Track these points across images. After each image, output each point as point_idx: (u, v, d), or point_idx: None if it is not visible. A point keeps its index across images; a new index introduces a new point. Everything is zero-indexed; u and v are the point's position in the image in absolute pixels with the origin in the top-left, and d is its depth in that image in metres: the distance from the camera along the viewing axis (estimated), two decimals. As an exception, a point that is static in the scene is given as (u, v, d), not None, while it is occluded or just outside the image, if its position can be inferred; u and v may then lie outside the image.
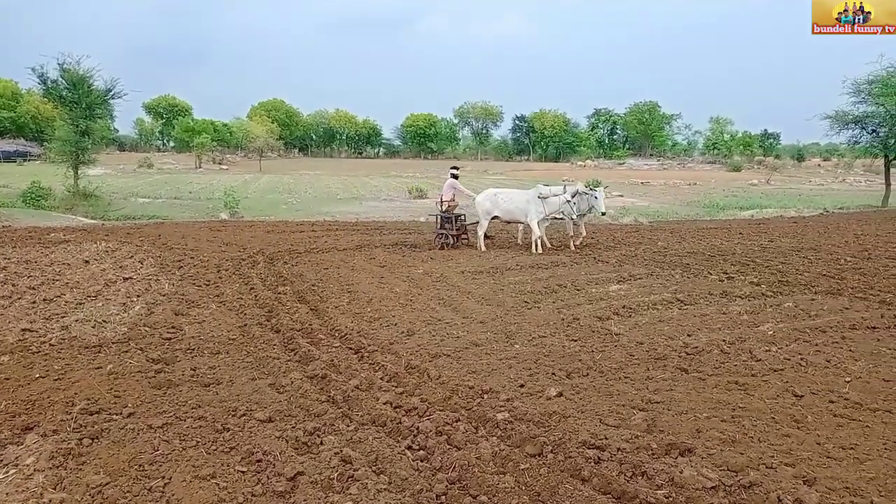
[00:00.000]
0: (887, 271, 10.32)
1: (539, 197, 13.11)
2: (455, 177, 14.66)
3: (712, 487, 3.38)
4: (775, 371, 5.48)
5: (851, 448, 3.96)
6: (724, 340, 6.38)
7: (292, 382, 5.14)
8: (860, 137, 28.74)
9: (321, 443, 4.02)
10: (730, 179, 54.43)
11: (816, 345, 6.27)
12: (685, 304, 8.08)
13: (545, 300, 8.44)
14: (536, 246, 13.01)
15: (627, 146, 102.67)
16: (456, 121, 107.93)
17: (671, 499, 3.28)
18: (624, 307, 7.85)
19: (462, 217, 14.44)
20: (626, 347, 6.19)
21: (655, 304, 8.08)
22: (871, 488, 3.43)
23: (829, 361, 5.74)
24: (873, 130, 27.82)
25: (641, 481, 3.49)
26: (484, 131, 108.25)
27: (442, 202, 14.48)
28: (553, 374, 5.44)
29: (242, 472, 3.65)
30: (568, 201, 12.86)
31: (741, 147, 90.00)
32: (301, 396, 4.86)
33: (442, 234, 13.98)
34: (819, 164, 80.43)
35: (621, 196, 31.72)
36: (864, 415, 4.54)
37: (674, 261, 11.49)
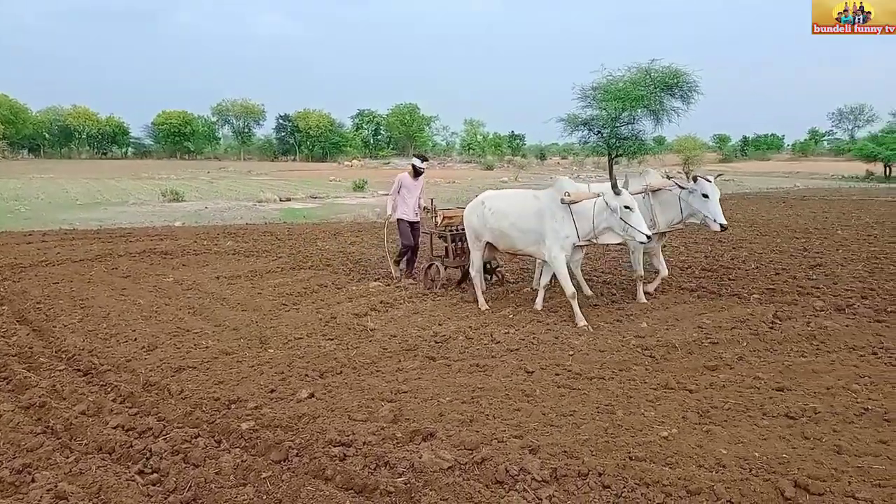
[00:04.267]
0: (608, 255, 11.82)
1: (565, 202, 6.97)
2: (419, 172, 9.88)
3: (449, 468, 3.56)
4: (511, 351, 5.98)
5: (570, 415, 4.43)
6: (469, 327, 6.81)
7: (1, 416, 4.44)
8: (589, 138, 32.61)
9: (32, 480, 3.51)
10: (483, 177, 58.44)
11: (548, 324, 6.96)
12: (439, 296, 8.48)
13: (304, 301, 8.32)
14: (576, 315, 6.90)
15: (391, 146, 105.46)
16: (214, 119, 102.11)
17: (410, 484, 3.39)
18: (381, 302, 8.02)
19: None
20: (380, 342, 6.32)
21: (411, 297, 8.38)
22: (585, 449, 3.84)
23: (557, 338, 6.39)
24: (598, 131, 31.72)
25: (383, 472, 3.57)
26: (246, 130, 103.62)
27: (437, 215, 9.35)
28: (306, 375, 5.35)
29: (-78, 531, 3.07)
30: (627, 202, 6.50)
31: (493, 147, 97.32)
32: (11, 430, 4.21)
33: (434, 263, 9.15)
34: (558, 162, 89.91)
35: (387, 195, 32.44)
36: (582, 384, 5.11)
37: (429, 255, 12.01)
